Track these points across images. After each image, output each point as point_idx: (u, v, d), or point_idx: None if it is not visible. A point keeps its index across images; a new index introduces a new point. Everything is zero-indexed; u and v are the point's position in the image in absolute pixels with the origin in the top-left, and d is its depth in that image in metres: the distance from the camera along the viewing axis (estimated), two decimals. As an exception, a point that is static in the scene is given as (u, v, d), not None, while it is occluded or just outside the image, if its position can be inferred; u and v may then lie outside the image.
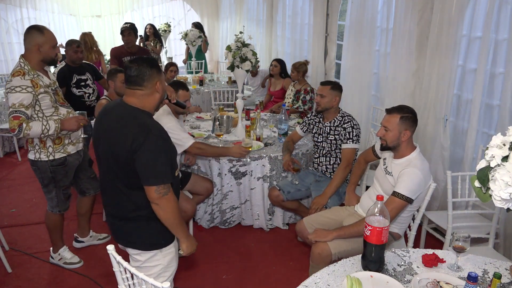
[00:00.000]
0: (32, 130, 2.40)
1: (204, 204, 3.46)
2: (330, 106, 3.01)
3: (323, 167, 3.18)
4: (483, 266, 1.81)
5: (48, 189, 2.74)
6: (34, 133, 2.43)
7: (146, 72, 1.76)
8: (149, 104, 1.82)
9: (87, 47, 5.14)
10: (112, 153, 1.76)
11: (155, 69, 1.80)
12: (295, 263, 3.06)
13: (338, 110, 3.08)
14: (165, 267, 1.90)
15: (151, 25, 6.71)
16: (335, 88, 3.00)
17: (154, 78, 1.79)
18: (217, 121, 3.80)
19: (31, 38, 2.50)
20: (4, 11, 7.43)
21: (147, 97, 1.80)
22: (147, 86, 1.78)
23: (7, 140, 5.41)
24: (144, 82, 1.77)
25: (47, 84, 2.57)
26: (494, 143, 1.23)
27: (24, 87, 2.41)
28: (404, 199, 2.13)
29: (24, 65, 2.50)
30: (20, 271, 2.94)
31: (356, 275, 1.63)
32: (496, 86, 2.94)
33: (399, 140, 2.23)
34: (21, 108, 2.39)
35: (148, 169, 1.69)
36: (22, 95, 2.39)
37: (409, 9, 3.48)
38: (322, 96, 2.99)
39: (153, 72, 1.78)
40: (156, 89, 1.81)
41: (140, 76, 1.76)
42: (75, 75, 3.83)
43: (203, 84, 6.07)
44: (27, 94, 2.41)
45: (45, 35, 2.51)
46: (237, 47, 3.28)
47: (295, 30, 5.94)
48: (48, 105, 2.55)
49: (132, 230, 1.86)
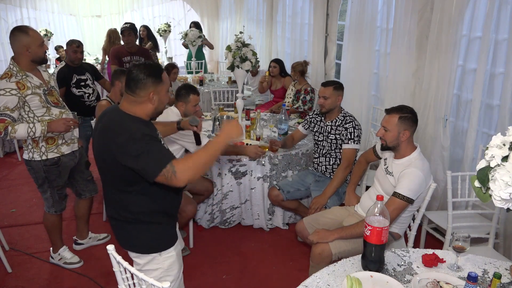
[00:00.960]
0: (17, 133, 2.43)
1: (204, 204, 3.46)
2: (334, 106, 3.01)
3: (323, 167, 3.18)
4: (483, 266, 1.81)
5: (43, 189, 2.74)
6: (20, 136, 2.45)
7: (141, 80, 1.69)
8: (140, 112, 1.74)
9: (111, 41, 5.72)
10: (102, 157, 1.76)
11: (152, 78, 1.71)
12: (295, 263, 3.06)
13: (340, 110, 3.08)
14: (165, 270, 1.88)
15: (145, 27, 6.69)
16: (337, 88, 2.99)
17: (149, 87, 1.70)
18: (217, 121, 3.80)
19: (17, 40, 2.49)
20: (4, 11, 7.43)
21: (137, 105, 1.73)
22: (139, 94, 1.70)
23: (7, 140, 5.41)
24: (137, 89, 1.70)
25: (36, 85, 2.55)
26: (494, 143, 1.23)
27: (8, 89, 2.41)
28: (405, 199, 2.13)
29: (13, 66, 2.51)
30: (20, 271, 2.94)
31: (356, 275, 1.63)
32: (496, 86, 2.94)
33: (398, 140, 2.23)
34: (6, 111, 2.41)
35: (144, 164, 1.63)
36: (5, 98, 2.41)
37: (409, 9, 3.48)
38: (326, 98, 2.97)
39: (148, 81, 1.70)
40: (149, 99, 1.72)
41: (134, 82, 1.70)
42: (74, 75, 3.82)
43: (203, 84, 6.07)
44: (11, 97, 2.42)
45: (30, 36, 2.50)
46: (237, 47, 3.28)
47: (295, 30, 5.94)
48: (38, 106, 2.54)
49: (130, 233, 1.84)
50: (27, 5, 7.69)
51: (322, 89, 3.01)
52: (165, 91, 1.78)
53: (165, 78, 1.77)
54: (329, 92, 2.96)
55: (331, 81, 3.10)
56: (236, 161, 3.24)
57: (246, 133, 3.65)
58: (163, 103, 1.79)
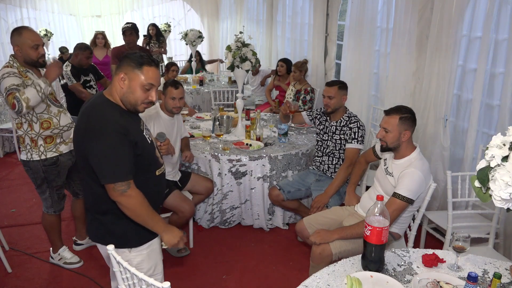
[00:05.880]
0: (29, 95, 2.38)
1: (204, 204, 3.46)
2: (339, 106, 3.02)
3: (325, 166, 3.18)
4: (483, 266, 1.81)
5: (41, 189, 2.73)
6: (33, 97, 2.39)
7: (122, 59, 1.70)
8: (115, 94, 1.72)
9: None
10: (77, 143, 1.75)
11: (131, 61, 1.68)
12: (295, 263, 3.06)
13: (345, 110, 3.08)
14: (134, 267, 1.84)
15: (153, 25, 6.71)
16: (342, 87, 3.00)
17: (124, 68, 1.69)
18: (217, 121, 3.80)
19: (12, 40, 2.54)
20: (4, 11, 7.43)
21: (113, 87, 1.73)
22: (116, 73, 1.70)
23: (7, 140, 5.41)
24: (117, 69, 1.72)
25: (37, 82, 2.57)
26: (494, 143, 1.23)
27: (12, 73, 2.45)
28: (405, 200, 2.13)
29: (13, 62, 2.54)
30: (20, 271, 2.94)
31: (356, 275, 1.63)
32: (496, 86, 2.94)
33: (399, 141, 2.23)
34: (13, 86, 2.40)
35: (102, 166, 1.63)
36: (12, 78, 2.43)
37: (409, 9, 3.48)
38: (331, 98, 2.98)
39: (125, 62, 1.69)
40: (119, 79, 1.69)
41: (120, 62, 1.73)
42: (82, 76, 3.89)
43: (203, 84, 6.07)
44: (17, 78, 2.44)
45: (22, 36, 2.50)
46: (237, 47, 3.28)
47: (295, 30, 5.94)
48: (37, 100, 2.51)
49: (104, 225, 1.81)
50: (27, 5, 7.67)
51: (327, 88, 3.02)
52: (139, 83, 1.69)
53: (147, 71, 1.68)
54: (334, 92, 2.97)
55: (336, 81, 3.10)
56: (236, 161, 3.24)
57: (246, 133, 3.65)
58: (133, 93, 1.70)
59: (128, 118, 1.74)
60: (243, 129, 3.70)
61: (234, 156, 3.23)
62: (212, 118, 4.06)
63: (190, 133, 3.71)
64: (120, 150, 1.65)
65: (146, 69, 1.69)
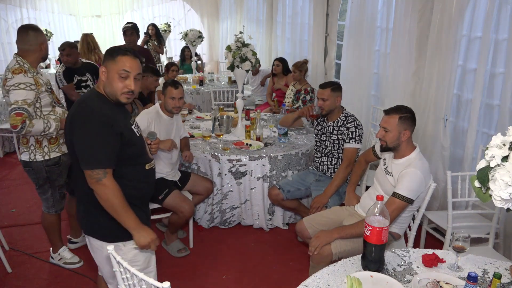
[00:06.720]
0: (34, 128, 2.42)
1: (204, 204, 3.46)
2: (334, 107, 3.01)
3: (324, 166, 3.18)
4: (483, 266, 1.81)
5: (43, 189, 2.73)
6: (36, 131, 2.45)
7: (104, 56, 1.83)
8: (102, 86, 1.81)
9: (90, 48, 5.00)
10: (67, 133, 1.82)
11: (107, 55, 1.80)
12: (295, 263, 3.06)
13: (342, 110, 3.08)
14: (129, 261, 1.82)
15: (153, 25, 6.73)
16: (335, 89, 2.98)
17: (103, 63, 1.81)
18: (217, 121, 3.80)
19: (32, 38, 2.54)
20: (4, 11, 7.43)
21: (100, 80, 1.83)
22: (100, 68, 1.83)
23: (7, 140, 5.41)
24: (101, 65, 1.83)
25: (45, 82, 2.61)
26: (494, 143, 1.23)
27: (28, 84, 2.43)
28: (404, 200, 2.13)
29: (23, 63, 2.51)
30: (20, 271, 2.94)
31: (356, 275, 1.63)
32: (496, 86, 2.94)
33: (399, 140, 2.23)
34: (24, 105, 2.40)
35: (83, 152, 1.71)
36: (26, 92, 2.41)
37: (409, 9, 3.48)
38: (324, 100, 2.97)
39: (104, 57, 1.82)
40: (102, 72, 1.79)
41: None
42: (76, 76, 3.84)
43: (203, 84, 6.07)
44: (31, 92, 2.43)
45: (43, 33, 2.63)
46: (237, 47, 3.28)
47: (295, 30, 5.94)
48: (47, 104, 2.57)
49: (97, 218, 1.82)
50: (27, 5, 7.68)
51: (320, 91, 3.01)
52: (115, 71, 1.76)
53: (121, 59, 1.76)
54: (327, 94, 2.96)
55: (329, 83, 3.07)
56: (236, 161, 3.24)
57: (246, 133, 3.65)
58: (111, 83, 1.77)
59: (115, 110, 1.81)
60: (243, 129, 3.70)
61: (234, 156, 3.23)
62: (212, 118, 4.06)
63: (190, 133, 3.71)
64: (101, 138, 1.71)
65: (120, 58, 1.76)
